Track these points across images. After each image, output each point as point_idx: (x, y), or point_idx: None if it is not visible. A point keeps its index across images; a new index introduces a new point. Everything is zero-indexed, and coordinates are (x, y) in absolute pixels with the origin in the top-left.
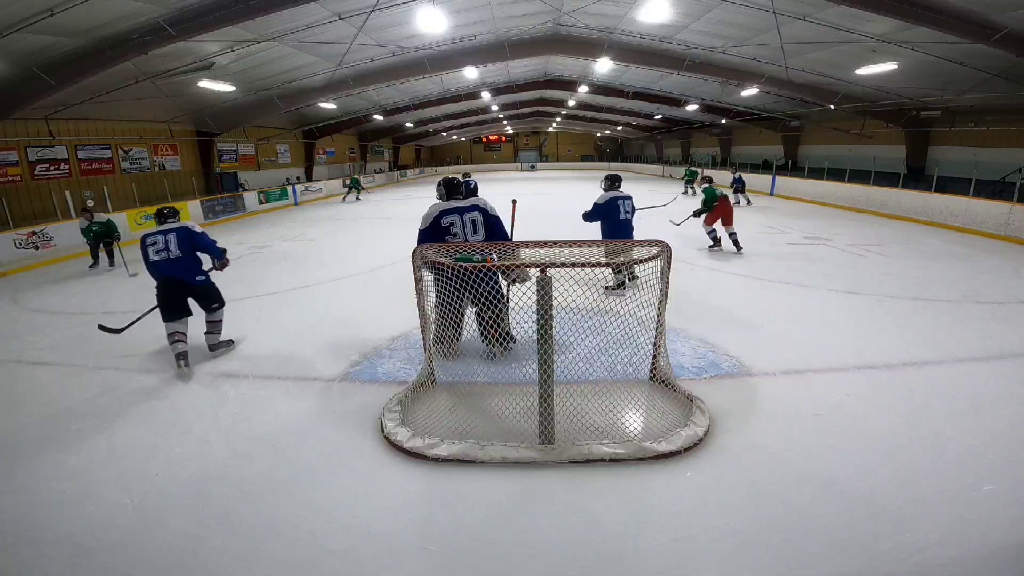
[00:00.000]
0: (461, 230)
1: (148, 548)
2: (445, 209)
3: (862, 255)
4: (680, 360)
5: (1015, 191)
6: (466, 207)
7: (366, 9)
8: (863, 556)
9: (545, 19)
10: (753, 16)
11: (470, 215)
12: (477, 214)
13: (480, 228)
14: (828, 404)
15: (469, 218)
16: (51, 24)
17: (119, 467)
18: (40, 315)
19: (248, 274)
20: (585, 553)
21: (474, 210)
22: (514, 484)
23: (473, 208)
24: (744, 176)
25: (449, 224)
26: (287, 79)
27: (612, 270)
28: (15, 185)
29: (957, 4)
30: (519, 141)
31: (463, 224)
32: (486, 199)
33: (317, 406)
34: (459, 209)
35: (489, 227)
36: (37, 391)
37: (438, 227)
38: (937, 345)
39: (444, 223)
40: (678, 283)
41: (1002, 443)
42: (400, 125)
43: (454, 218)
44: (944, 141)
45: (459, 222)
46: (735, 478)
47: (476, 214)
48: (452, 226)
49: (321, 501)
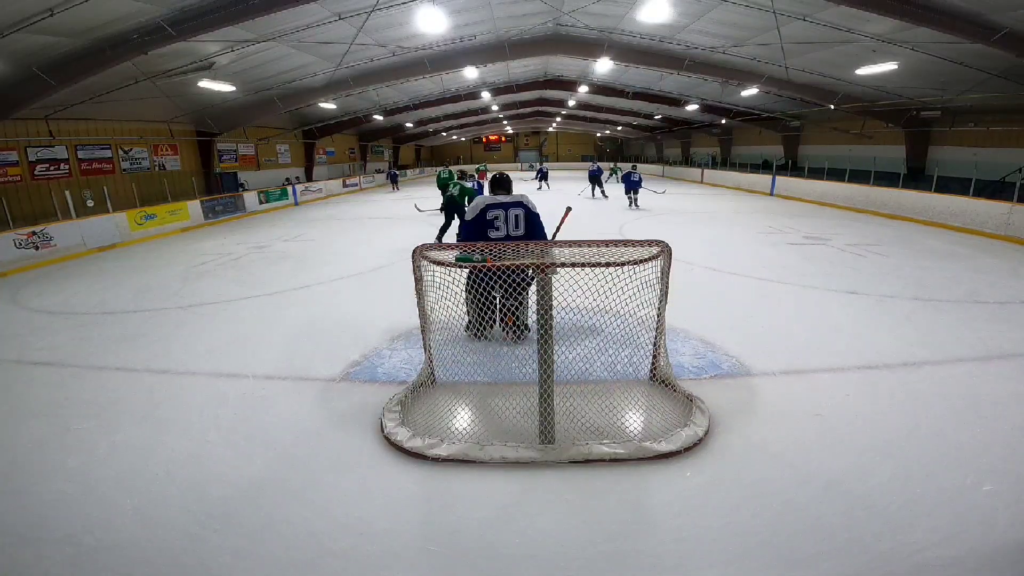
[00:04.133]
0: (504, 224)
1: (148, 548)
2: (491, 203)
3: (862, 255)
4: (680, 360)
5: (1015, 191)
6: (511, 202)
7: (366, 9)
8: (863, 556)
9: (545, 19)
10: (753, 16)
11: (514, 211)
12: (520, 210)
13: (522, 223)
14: (828, 404)
15: (513, 213)
16: (51, 24)
17: (119, 467)
18: (40, 315)
19: (248, 274)
20: (585, 553)
21: (519, 206)
22: (514, 484)
23: (518, 204)
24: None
25: (493, 218)
26: (287, 79)
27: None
28: (15, 185)
29: (957, 4)
30: (519, 141)
31: (507, 219)
32: (527, 197)
33: (317, 406)
34: (504, 204)
35: (530, 223)
36: (37, 391)
37: (483, 220)
38: (937, 345)
39: (489, 216)
40: (678, 283)
41: (1002, 443)
42: (400, 125)
43: (498, 212)
44: (944, 141)
45: (503, 216)
46: (735, 478)
47: (520, 210)
48: (496, 220)
49: (321, 501)
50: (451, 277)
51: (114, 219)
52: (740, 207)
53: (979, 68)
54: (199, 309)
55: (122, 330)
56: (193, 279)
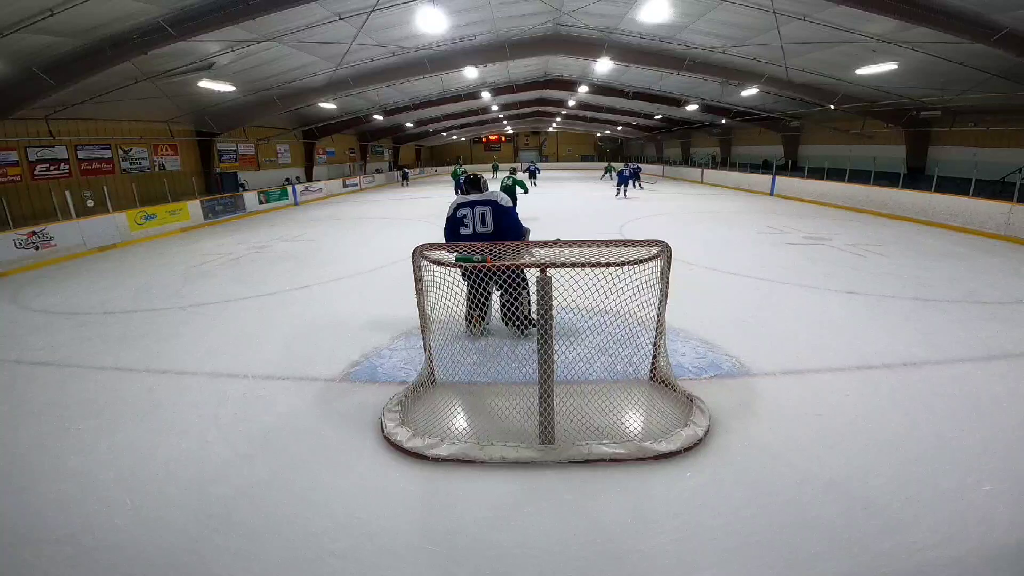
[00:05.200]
0: (471, 222)
1: (148, 548)
2: (461, 202)
3: (862, 255)
4: (680, 360)
5: (1015, 191)
6: (479, 201)
7: (366, 9)
8: (863, 556)
9: (545, 19)
10: (753, 16)
11: (480, 208)
12: (487, 208)
13: (489, 220)
14: (828, 404)
15: (479, 211)
16: (51, 24)
17: (119, 467)
18: (40, 315)
19: (248, 274)
20: (585, 553)
21: (486, 204)
22: (514, 484)
23: (485, 202)
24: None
25: (462, 216)
26: (287, 79)
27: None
28: (15, 185)
29: (957, 4)
30: (519, 141)
31: (473, 216)
32: (503, 194)
33: (317, 406)
34: (472, 203)
35: (498, 220)
36: (37, 391)
37: (454, 218)
38: (937, 345)
39: (459, 214)
40: (678, 283)
41: (1002, 443)
42: (400, 125)
43: (466, 211)
44: (944, 141)
45: (470, 214)
46: (735, 478)
47: (486, 208)
48: (464, 217)
49: (321, 501)
50: (451, 277)
51: (114, 219)
52: (740, 207)
53: (979, 68)
54: (199, 309)
55: (122, 330)
56: (193, 279)
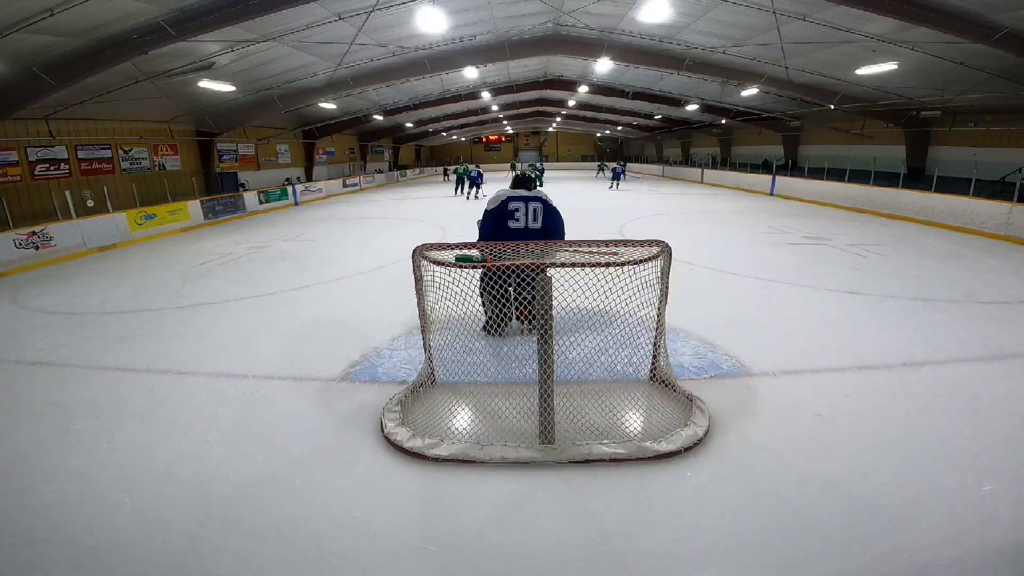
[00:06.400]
0: (524, 216)
1: (148, 548)
2: (512, 196)
3: (862, 255)
4: (680, 360)
5: (1015, 191)
6: (531, 196)
7: (366, 9)
8: (863, 556)
9: (545, 19)
10: (753, 16)
11: (533, 204)
12: (539, 204)
13: (540, 217)
14: (828, 404)
15: (532, 207)
16: (51, 24)
17: (119, 467)
18: (40, 315)
19: (248, 274)
20: (585, 553)
21: (537, 200)
22: (514, 484)
23: (537, 199)
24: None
25: (514, 210)
26: (287, 79)
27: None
28: (15, 185)
29: (957, 4)
30: (519, 141)
31: (526, 211)
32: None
33: (317, 406)
34: (525, 198)
35: (548, 218)
36: (37, 391)
37: (503, 211)
38: (937, 345)
39: (510, 207)
40: (678, 283)
41: (1002, 443)
42: (400, 125)
43: (519, 204)
44: (944, 141)
45: (524, 209)
46: (735, 478)
47: (538, 204)
48: (516, 211)
49: (321, 501)
50: (451, 277)
51: (114, 219)
52: (740, 207)
53: (979, 68)
54: (199, 309)
55: (122, 330)
56: (193, 279)
